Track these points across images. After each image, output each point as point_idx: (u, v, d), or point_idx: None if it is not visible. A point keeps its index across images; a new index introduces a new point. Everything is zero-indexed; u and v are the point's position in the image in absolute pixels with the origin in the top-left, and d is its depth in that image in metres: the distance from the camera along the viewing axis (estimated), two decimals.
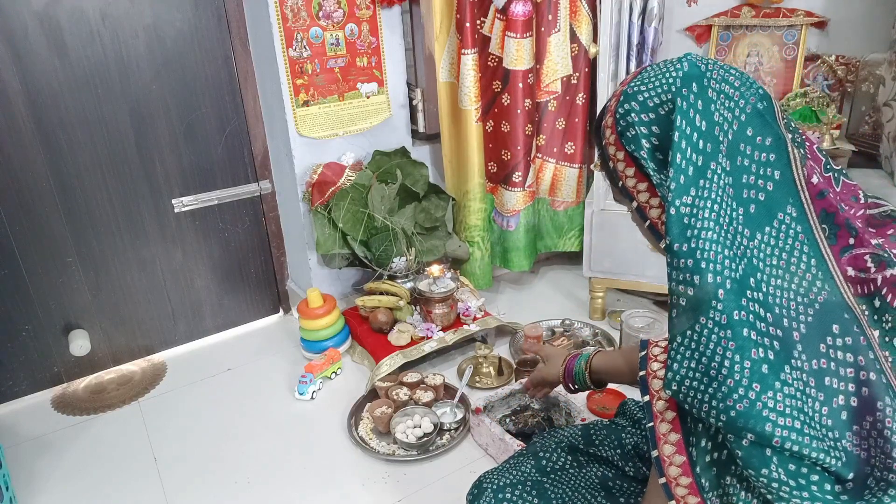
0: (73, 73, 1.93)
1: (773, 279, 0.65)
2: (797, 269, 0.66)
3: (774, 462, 0.61)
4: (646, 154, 0.70)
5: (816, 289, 0.65)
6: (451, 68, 2.23)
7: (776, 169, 0.67)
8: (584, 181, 2.50)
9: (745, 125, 0.67)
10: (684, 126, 0.65)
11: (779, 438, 0.60)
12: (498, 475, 1.04)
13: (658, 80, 0.69)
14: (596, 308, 2.36)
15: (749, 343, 0.61)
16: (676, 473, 0.69)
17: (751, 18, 2.27)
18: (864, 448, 0.62)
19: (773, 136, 0.67)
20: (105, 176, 2.06)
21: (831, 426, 0.62)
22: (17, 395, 2.10)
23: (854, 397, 0.63)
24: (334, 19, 2.12)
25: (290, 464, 1.74)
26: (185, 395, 2.08)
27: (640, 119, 0.69)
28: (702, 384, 0.63)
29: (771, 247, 0.66)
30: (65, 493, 1.68)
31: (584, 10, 2.26)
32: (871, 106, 2.11)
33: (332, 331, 2.15)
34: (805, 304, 0.64)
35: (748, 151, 0.67)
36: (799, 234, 0.66)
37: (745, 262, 0.64)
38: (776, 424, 0.60)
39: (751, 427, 0.60)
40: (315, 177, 2.19)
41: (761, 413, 0.60)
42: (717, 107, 0.66)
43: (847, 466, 0.61)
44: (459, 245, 2.39)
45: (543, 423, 1.77)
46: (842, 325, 0.64)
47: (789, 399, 0.61)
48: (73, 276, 2.10)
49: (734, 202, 0.66)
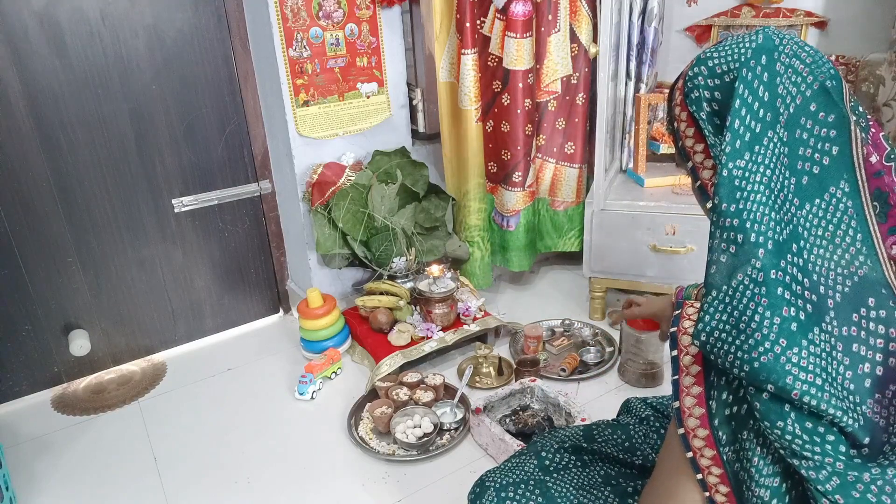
0: (73, 73, 1.93)
1: (816, 248, 0.67)
2: (842, 241, 0.67)
3: (791, 417, 0.62)
4: (705, 116, 0.73)
5: (858, 262, 0.67)
6: (451, 68, 2.23)
7: (835, 145, 0.68)
8: (584, 181, 2.50)
9: (810, 100, 0.68)
10: (746, 94, 0.68)
11: (798, 391, 0.61)
12: (500, 475, 1.04)
13: (731, 48, 0.71)
14: (596, 308, 2.36)
15: (781, 301, 0.63)
16: (694, 425, 0.70)
17: (751, 18, 2.27)
18: (883, 416, 0.64)
19: (836, 113, 0.68)
20: (105, 176, 2.07)
21: (853, 390, 0.64)
22: (17, 395, 2.10)
23: (880, 366, 0.64)
24: (334, 19, 2.12)
25: (290, 464, 1.74)
26: (185, 395, 2.09)
27: (705, 83, 0.73)
28: (730, 336, 0.65)
29: (819, 217, 0.67)
30: (65, 494, 1.68)
31: (584, 10, 2.26)
32: (871, 106, 2.11)
33: (332, 331, 2.15)
34: (844, 276, 0.66)
35: (808, 125, 0.68)
36: (849, 209, 0.68)
37: (791, 228, 0.66)
38: (797, 378, 0.61)
39: (773, 379, 0.61)
40: (315, 177, 2.19)
41: (784, 367, 0.61)
42: (782, 80, 0.68)
43: (864, 430, 0.62)
44: (459, 245, 2.39)
45: (543, 423, 1.77)
46: (878, 299, 0.66)
47: (814, 358, 0.62)
48: (73, 276, 2.10)
49: (787, 171, 0.68)
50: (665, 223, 2.09)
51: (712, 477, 0.69)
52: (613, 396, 1.94)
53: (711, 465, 0.69)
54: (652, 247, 2.12)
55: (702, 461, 0.70)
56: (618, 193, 2.22)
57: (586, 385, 2.00)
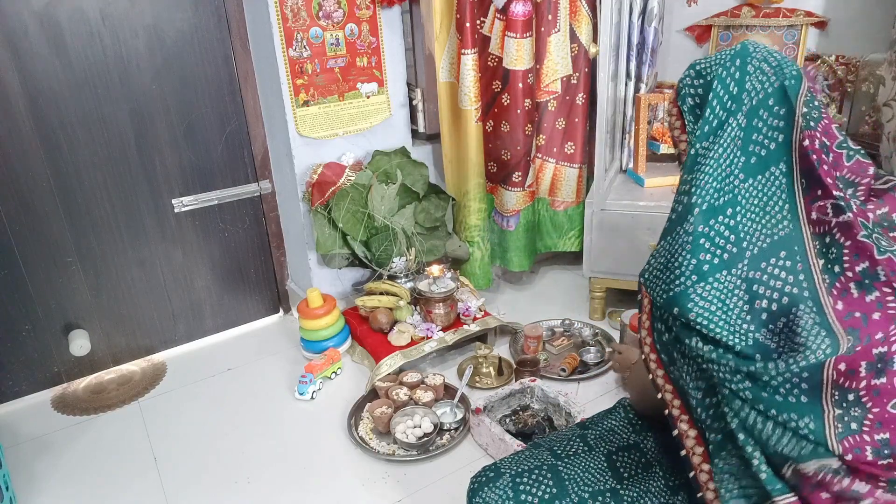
0: (73, 73, 1.93)
1: (749, 212, 0.82)
2: (772, 209, 0.82)
3: (696, 338, 0.80)
4: (687, 108, 0.91)
5: (782, 226, 0.81)
6: (451, 68, 2.23)
7: (781, 133, 0.83)
8: (584, 181, 2.50)
9: (770, 96, 0.83)
10: (719, 89, 0.85)
11: (694, 314, 0.78)
12: (516, 463, 1.06)
13: (716, 56, 0.88)
14: (596, 308, 2.36)
15: (701, 248, 0.81)
16: (647, 350, 0.92)
17: (751, 18, 2.27)
18: (773, 341, 0.78)
19: (787, 108, 0.82)
20: (105, 176, 2.07)
21: (749, 320, 0.79)
22: (17, 395, 2.10)
23: (774, 303, 0.78)
24: (334, 19, 2.12)
25: (290, 464, 1.74)
26: (185, 395, 2.09)
27: (690, 82, 0.90)
28: (662, 273, 0.85)
29: (757, 190, 0.83)
30: (65, 493, 1.68)
31: (584, 10, 2.26)
32: (871, 106, 2.11)
33: (332, 331, 2.15)
34: (766, 235, 0.81)
35: (764, 116, 0.83)
36: (782, 185, 0.83)
37: (730, 196, 0.83)
38: (697, 304, 0.79)
39: (679, 304, 0.79)
40: (315, 177, 2.18)
41: (690, 296, 0.79)
42: (751, 78, 0.84)
43: (752, 349, 0.76)
44: (459, 245, 2.39)
45: (543, 423, 1.77)
46: (789, 252, 0.80)
47: (716, 292, 0.79)
48: (73, 276, 2.10)
49: (739, 151, 0.84)
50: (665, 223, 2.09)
51: (667, 394, 0.89)
52: (613, 396, 1.94)
53: (664, 384, 0.89)
54: (652, 247, 2.12)
55: (657, 381, 0.89)
56: (618, 193, 2.22)
57: (586, 385, 2.00)
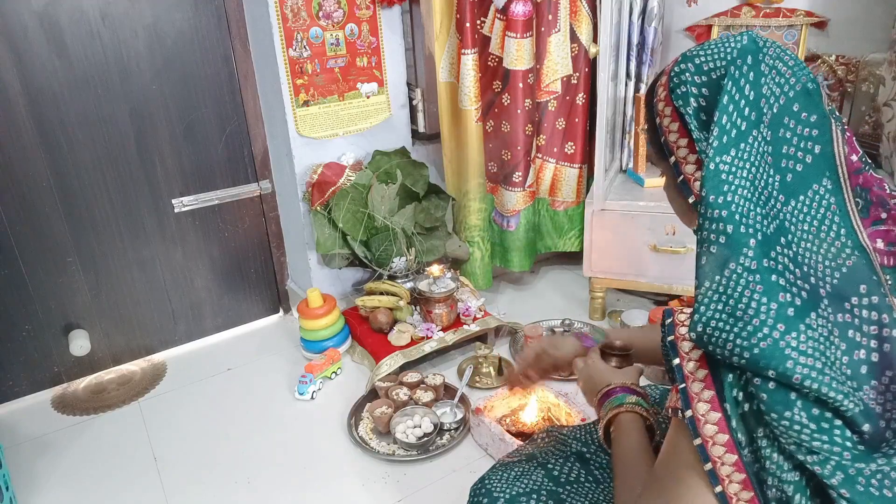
0: (73, 73, 1.93)
1: (804, 242, 0.68)
2: (827, 235, 0.68)
3: (798, 406, 0.62)
4: (691, 111, 0.74)
5: (845, 255, 0.68)
6: (451, 68, 2.23)
7: (817, 143, 0.70)
8: (584, 181, 2.50)
9: (793, 101, 0.70)
10: (733, 91, 0.69)
11: (799, 375, 0.61)
12: (507, 484, 0.99)
13: (716, 48, 0.73)
14: (596, 308, 2.36)
15: (776, 287, 0.63)
16: (712, 431, 0.67)
17: (751, 18, 2.27)
18: (880, 403, 0.64)
19: (818, 113, 0.70)
20: (105, 176, 2.07)
21: (851, 376, 0.64)
22: (17, 395, 2.10)
23: (875, 353, 0.65)
24: (334, 19, 2.12)
25: (290, 464, 1.74)
26: (185, 395, 2.09)
27: (692, 79, 0.74)
28: (727, 324, 0.64)
29: (804, 213, 0.69)
30: (65, 493, 1.68)
31: (584, 10, 2.26)
32: (871, 106, 2.11)
33: (332, 331, 2.15)
34: (832, 268, 0.67)
35: (791, 125, 0.70)
36: (832, 205, 0.69)
37: (777, 223, 0.67)
38: (797, 362, 0.61)
39: (773, 364, 0.61)
40: (315, 177, 2.19)
41: (784, 351, 0.61)
42: (766, 81, 0.70)
43: (863, 416, 0.62)
44: (459, 245, 2.38)
45: (543, 423, 1.77)
46: (869, 286, 0.66)
47: (812, 342, 0.62)
48: (73, 276, 2.10)
49: (771, 169, 0.69)
50: (665, 223, 2.09)
51: (734, 485, 0.66)
52: None
53: (733, 472, 0.66)
54: (652, 247, 2.12)
55: (722, 469, 0.66)
56: (618, 193, 2.22)
57: None
